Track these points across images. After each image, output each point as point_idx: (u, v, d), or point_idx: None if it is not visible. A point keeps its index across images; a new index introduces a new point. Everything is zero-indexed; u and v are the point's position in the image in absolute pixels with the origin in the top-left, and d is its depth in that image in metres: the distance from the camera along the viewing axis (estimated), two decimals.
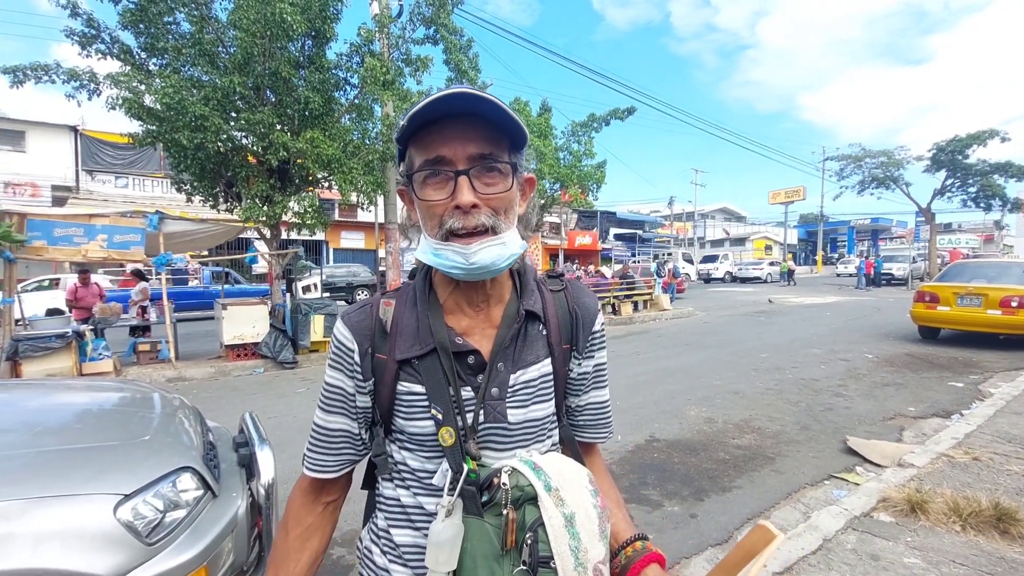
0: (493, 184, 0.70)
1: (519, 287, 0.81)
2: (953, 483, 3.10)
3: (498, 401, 0.74)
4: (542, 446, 0.79)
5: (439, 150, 0.68)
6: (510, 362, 0.76)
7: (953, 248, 31.69)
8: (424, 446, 0.74)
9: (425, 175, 0.70)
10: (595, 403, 0.88)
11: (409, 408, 0.75)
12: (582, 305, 0.84)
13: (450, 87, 0.66)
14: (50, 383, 3.37)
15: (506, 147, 0.71)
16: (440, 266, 0.71)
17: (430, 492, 0.74)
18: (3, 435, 1.81)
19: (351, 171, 8.09)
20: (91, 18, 7.33)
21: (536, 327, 0.80)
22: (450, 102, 0.65)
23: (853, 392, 5.71)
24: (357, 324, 0.78)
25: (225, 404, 5.68)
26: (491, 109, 0.67)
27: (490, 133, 0.69)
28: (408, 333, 0.76)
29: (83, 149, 19.22)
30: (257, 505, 1.91)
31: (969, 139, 21.13)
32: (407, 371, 0.75)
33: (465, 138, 0.68)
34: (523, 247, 0.74)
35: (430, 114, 0.67)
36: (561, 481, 0.68)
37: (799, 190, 41.78)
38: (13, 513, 1.40)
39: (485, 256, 0.69)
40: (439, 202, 0.69)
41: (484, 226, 0.69)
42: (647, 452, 4.03)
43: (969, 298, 8.07)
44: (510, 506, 0.65)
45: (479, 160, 0.68)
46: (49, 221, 6.76)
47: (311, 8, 7.57)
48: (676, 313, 14.09)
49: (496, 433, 0.74)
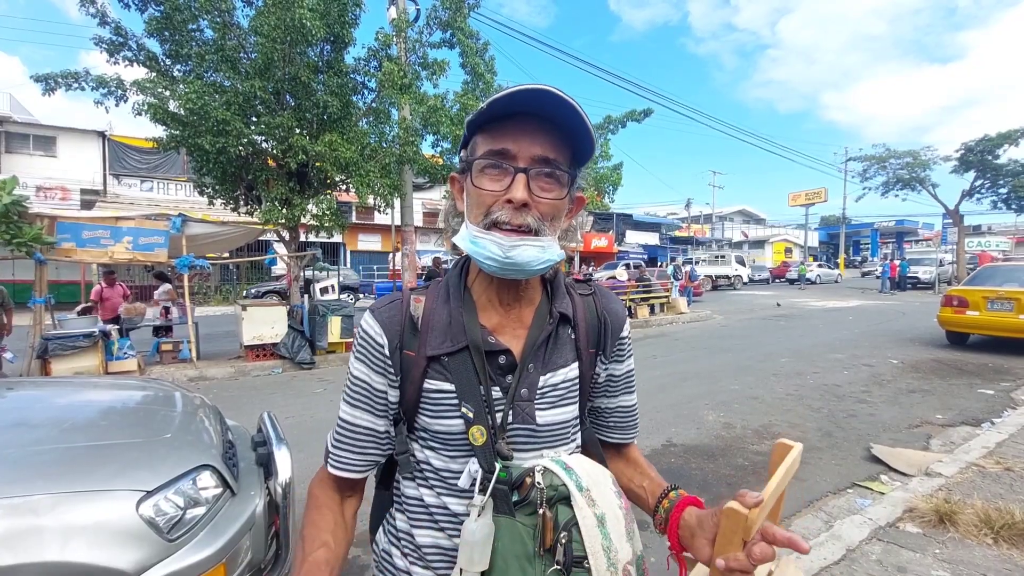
0: (549, 190, 0.70)
1: (550, 292, 0.81)
2: (984, 494, 3.00)
3: (527, 402, 0.74)
4: (567, 448, 0.79)
5: (505, 143, 0.68)
6: (540, 364, 0.76)
7: (982, 251, 30.72)
8: (449, 445, 0.74)
9: (486, 164, 0.70)
10: (624, 406, 0.89)
11: (436, 406, 0.74)
12: (611, 311, 0.84)
13: (535, 84, 0.65)
14: (77, 381, 3.46)
15: (569, 157, 0.72)
16: (476, 254, 0.71)
17: (454, 492, 0.73)
18: (34, 431, 1.87)
19: (368, 174, 8.18)
20: (119, 26, 7.57)
21: (566, 331, 0.80)
22: (532, 98, 0.65)
23: (877, 398, 5.56)
24: (388, 319, 0.77)
25: (244, 403, 5.77)
26: (567, 115, 0.67)
27: (558, 140, 0.69)
28: (439, 329, 0.75)
29: (110, 154, 19.81)
30: (274, 504, 1.93)
31: (1000, 138, 20.45)
32: (436, 368, 0.74)
33: (533, 138, 0.68)
34: (560, 256, 0.73)
35: (508, 106, 0.67)
36: (591, 482, 0.69)
37: (820, 192, 40.96)
38: (43, 507, 1.43)
39: (523, 254, 0.68)
40: (492, 192, 0.69)
41: (528, 227, 0.69)
42: (664, 457, 3.98)
43: (1000, 302, 7.81)
44: (545, 505, 0.65)
45: (542, 163, 0.69)
46: (78, 224, 6.96)
47: (330, 14, 7.69)
48: (693, 316, 13.92)
49: (524, 434, 0.74)
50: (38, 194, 17.67)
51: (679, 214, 41.82)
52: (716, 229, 43.56)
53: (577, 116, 0.67)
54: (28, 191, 14.59)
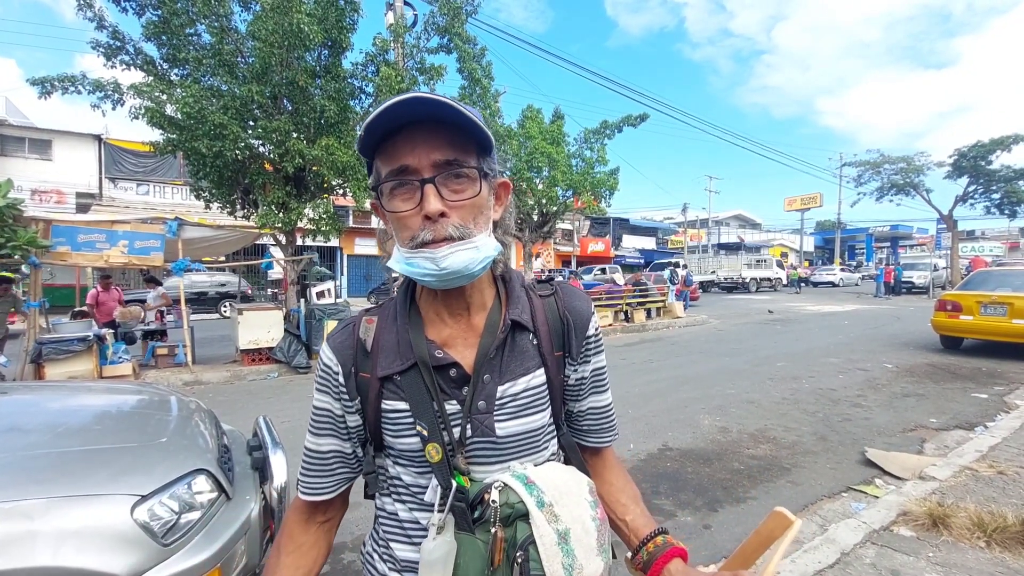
0: (461, 190, 0.68)
1: (504, 295, 0.79)
2: (977, 497, 3.01)
3: (485, 415, 0.72)
4: (539, 456, 0.76)
5: (403, 159, 0.66)
6: (496, 374, 0.73)
7: (976, 256, 30.94)
8: (414, 462, 0.73)
9: (392, 186, 0.68)
10: (596, 408, 0.86)
11: (395, 425, 0.73)
12: (573, 310, 0.80)
13: (407, 91, 0.64)
14: (72, 385, 3.44)
15: (473, 152, 0.69)
16: (413, 275, 0.70)
17: (424, 507, 0.73)
18: (28, 435, 1.86)
19: (365, 178, 8.16)
20: (116, 30, 7.57)
21: (525, 337, 0.77)
22: (408, 107, 0.63)
23: (872, 402, 5.58)
24: (339, 345, 0.77)
25: (240, 408, 5.75)
26: (453, 114, 0.64)
27: (455, 138, 0.67)
28: (389, 349, 0.74)
29: (106, 157, 19.74)
30: (270, 508, 1.93)
31: (992, 144, 20.68)
32: (390, 388, 0.74)
33: (429, 145, 0.66)
34: (497, 250, 0.72)
35: (390, 122, 0.65)
36: (556, 495, 0.67)
37: (816, 197, 41.20)
38: (36, 512, 1.43)
39: (456, 260, 0.67)
40: (408, 212, 0.67)
41: (452, 237, 0.67)
42: (660, 461, 3.98)
43: (994, 307, 7.86)
44: (499, 524, 0.64)
45: (444, 167, 0.66)
46: (73, 227, 6.94)
47: (328, 19, 7.71)
48: (689, 321, 13.95)
49: (485, 447, 0.72)
50: (33, 197, 17.57)
51: (675, 218, 41.96)
52: (712, 234, 43.70)
53: (458, 112, 0.64)
54: (23, 194, 14.54)
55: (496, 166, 0.74)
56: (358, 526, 2.95)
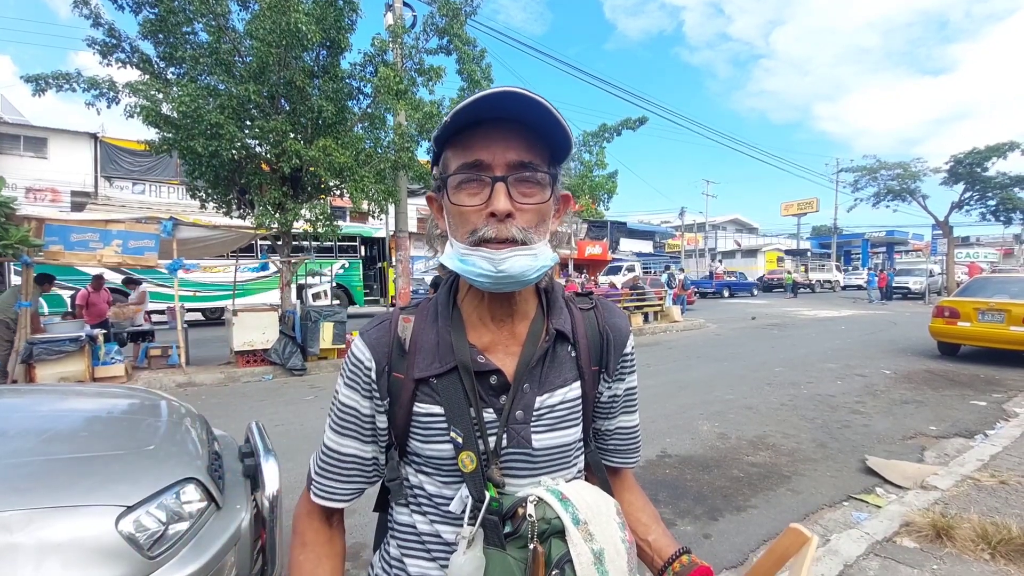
0: (531, 194, 0.66)
1: (546, 305, 0.77)
2: (980, 508, 2.98)
3: (522, 425, 0.70)
4: (568, 472, 0.74)
5: (478, 154, 0.65)
6: (536, 384, 0.72)
7: (972, 262, 31.11)
8: (441, 470, 0.71)
9: (461, 179, 0.66)
10: (624, 428, 0.85)
11: (426, 430, 0.71)
12: (614, 327, 0.80)
13: (499, 86, 0.62)
14: (61, 388, 3.38)
15: (547, 158, 0.68)
16: (467, 273, 0.67)
17: (448, 519, 0.70)
18: (14, 441, 1.81)
19: (363, 179, 8.13)
20: (112, 28, 7.50)
21: (565, 348, 0.75)
22: (497, 101, 0.62)
23: (871, 409, 5.56)
24: (375, 341, 0.74)
25: (234, 410, 5.68)
26: (539, 114, 0.63)
27: (532, 141, 0.66)
28: (427, 350, 0.72)
29: (102, 156, 19.61)
30: (261, 517, 1.87)
31: (988, 151, 20.78)
32: (424, 391, 0.71)
33: (506, 143, 0.65)
34: (554, 259, 0.70)
35: (474, 114, 0.63)
36: (590, 514, 0.64)
37: (812, 202, 41.41)
38: (16, 524, 1.37)
39: (515, 264, 0.64)
40: (473, 207, 0.66)
41: (515, 239, 0.65)
42: (659, 468, 3.94)
43: (991, 314, 7.87)
44: (536, 540, 0.61)
45: (519, 168, 0.65)
46: (66, 226, 6.86)
47: (326, 19, 7.67)
48: (687, 325, 13.94)
49: (519, 459, 0.70)
50: (28, 195, 17.42)
51: (673, 222, 42.06)
52: (709, 238, 43.82)
53: (548, 114, 0.63)
54: (18, 192, 14.40)
55: (563, 177, 0.72)
56: (351, 535, 2.89)
